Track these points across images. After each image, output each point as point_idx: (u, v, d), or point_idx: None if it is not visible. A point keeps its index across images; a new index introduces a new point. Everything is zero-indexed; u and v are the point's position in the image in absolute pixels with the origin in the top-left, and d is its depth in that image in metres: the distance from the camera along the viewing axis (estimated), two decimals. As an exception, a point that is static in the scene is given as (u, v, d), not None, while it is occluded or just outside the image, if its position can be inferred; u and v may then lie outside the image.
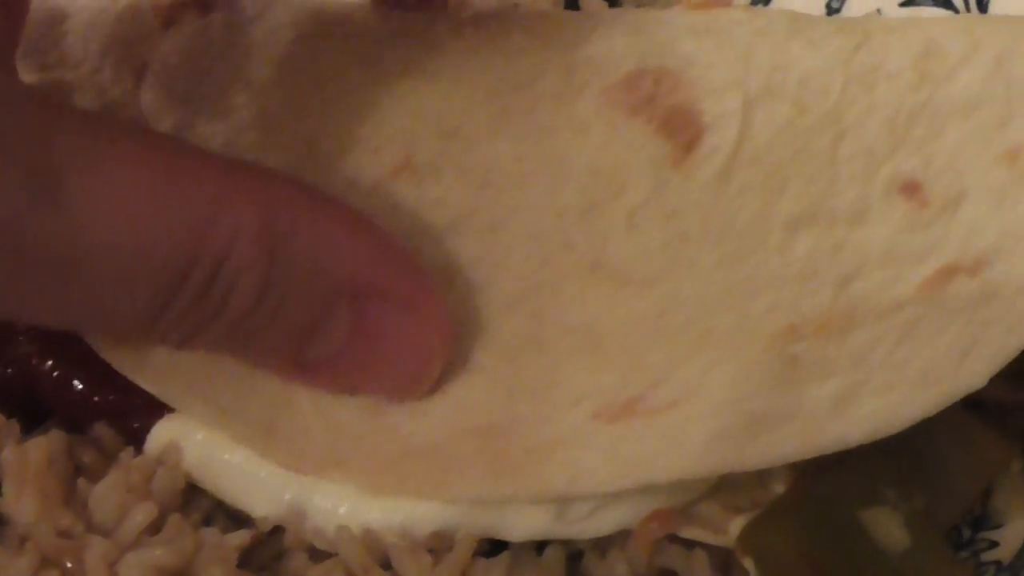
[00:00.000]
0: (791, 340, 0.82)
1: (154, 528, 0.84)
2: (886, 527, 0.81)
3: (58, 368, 0.90)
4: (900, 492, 0.82)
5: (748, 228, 0.87)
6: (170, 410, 0.88)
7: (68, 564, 0.81)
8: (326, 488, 0.84)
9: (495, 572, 0.83)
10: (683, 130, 0.90)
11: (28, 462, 0.85)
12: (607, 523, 0.84)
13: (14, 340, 0.90)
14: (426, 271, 0.84)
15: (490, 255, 0.88)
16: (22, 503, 0.83)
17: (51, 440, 0.86)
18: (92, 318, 0.78)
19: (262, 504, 0.85)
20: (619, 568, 0.84)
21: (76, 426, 0.89)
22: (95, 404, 0.90)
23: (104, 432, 0.89)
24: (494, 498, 0.82)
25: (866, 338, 0.81)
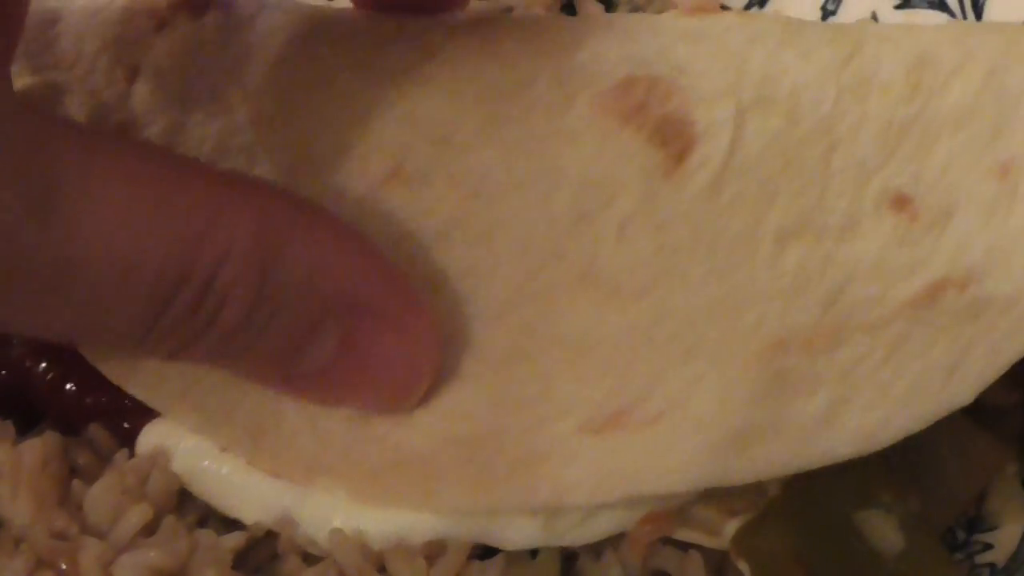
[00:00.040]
0: (779, 354, 0.82)
1: (149, 530, 0.84)
2: (881, 529, 0.81)
3: (51, 370, 0.90)
4: (895, 494, 0.82)
5: (738, 240, 0.86)
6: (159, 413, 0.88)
7: (63, 566, 0.81)
8: (317, 498, 0.84)
9: (489, 575, 0.83)
10: (675, 139, 0.89)
11: (23, 464, 0.85)
12: (599, 530, 0.84)
13: (7, 343, 0.90)
14: (416, 288, 0.84)
15: (480, 264, 0.88)
16: (17, 505, 0.83)
17: (46, 441, 0.86)
18: (83, 330, 0.78)
19: (252, 513, 0.85)
20: (613, 570, 0.85)
21: (71, 428, 0.89)
22: (87, 406, 0.90)
23: (99, 434, 0.89)
24: (480, 509, 0.82)
25: (853, 353, 0.81)
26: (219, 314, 0.76)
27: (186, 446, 0.86)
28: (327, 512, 0.84)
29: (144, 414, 0.88)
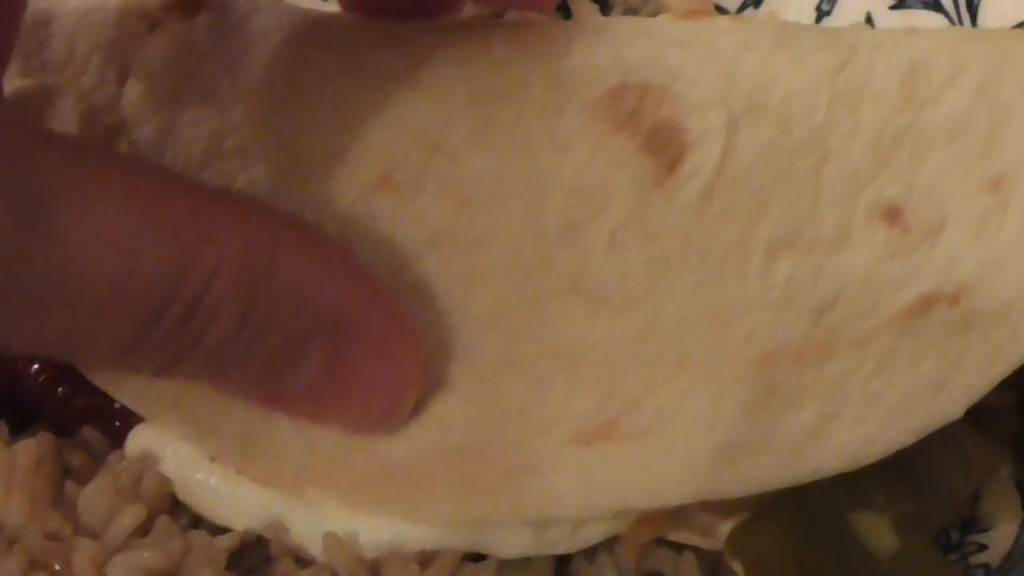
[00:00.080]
0: (768, 366, 0.82)
1: (142, 530, 0.84)
2: (875, 530, 0.81)
3: (43, 372, 0.90)
4: (889, 495, 0.83)
5: (728, 251, 0.86)
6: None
7: (56, 566, 0.81)
8: (307, 507, 0.84)
9: (483, 576, 0.83)
10: (666, 148, 0.88)
11: (16, 464, 0.84)
12: (591, 537, 0.84)
13: None
14: (403, 307, 0.84)
15: (470, 273, 0.87)
16: (10, 505, 0.83)
17: (39, 442, 0.86)
18: (70, 346, 0.78)
19: (242, 522, 0.85)
20: (607, 572, 0.85)
21: (64, 429, 0.89)
22: (79, 408, 0.90)
23: (92, 435, 0.89)
24: (468, 519, 0.82)
25: (843, 367, 0.81)
26: (207, 331, 0.76)
27: (174, 451, 0.86)
28: (318, 521, 0.84)
29: (134, 416, 0.88)
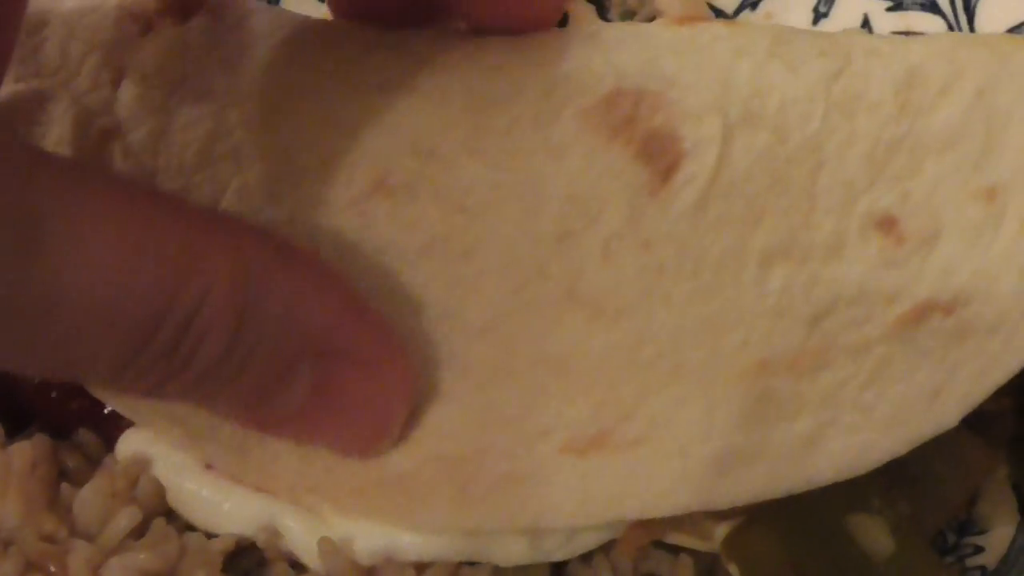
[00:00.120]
0: (763, 376, 0.81)
1: (138, 532, 0.84)
2: (871, 533, 0.81)
3: (37, 375, 0.90)
4: (885, 498, 0.83)
5: (723, 260, 0.85)
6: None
7: (52, 568, 0.81)
8: (300, 515, 0.84)
9: (479, 579, 0.83)
10: (661, 156, 0.88)
11: (12, 466, 0.84)
12: (587, 543, 0.84)
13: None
14: (393, 332, 0.84)
15: (463, 280, 0.87)
16: (6, 507, 0.83)
17: (35, 444, 0.86)
18: (59, 367, 0.77)
19: (235, 529, 0.85)
20: (604, 574, 0.84)
21: (60, 431, 0.89)
22: (73, 410, 0.89)
23: (88, 437, 0.89)
24: (462, 527, 0.82)
25: (837, 376, 0.81)
26: (196, 353, 0.76)
27: (165, 456, 0.86)
28: (312, 528, 0.84)
29: (129, 419, 0.87)
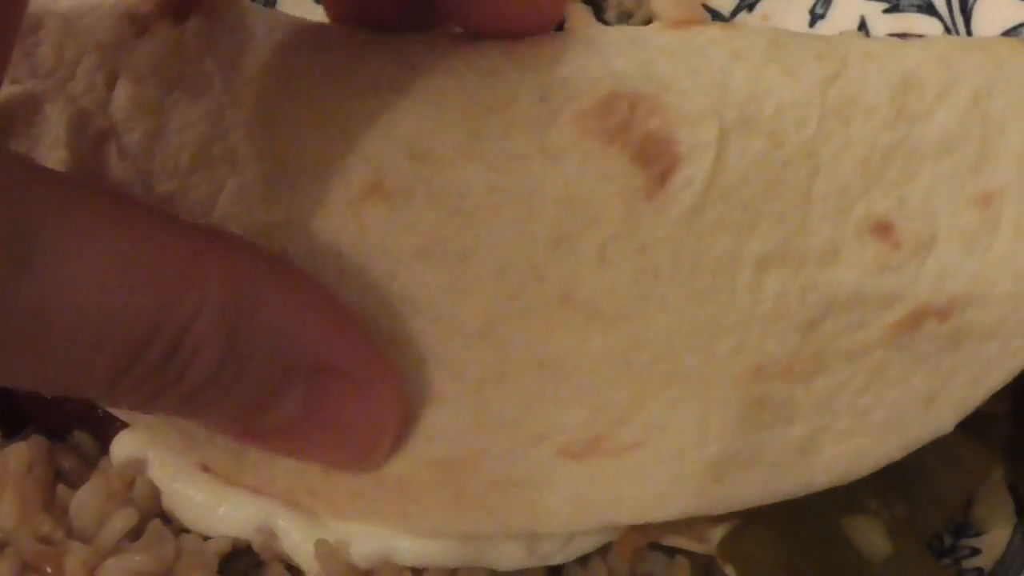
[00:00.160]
0: (758, 381, 0.81)
1: (134, 534, 0.84)
2: (868, 535, 0.81)
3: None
4: (882, 500, 0.83)
5: (718, 265, 0.85)
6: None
7: (48, 570, 0.81)
8: (296, 519, 0.84)
9: (475, 580, 0.83)
10: (657, 160, 0.87)
11: (8, 468, 0.85)
12: (584, 546, 0.84)
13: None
14: (383, 350, 0.84)
15: (459, 284, 0.86)
16: (2, 509, 0.83)
17: (31, 446, 0.86)
18: (51, 381, 0.77)
19: (230, 532, 0.85)
20: (600, 576, 0.85)
21: (56, 432, 0.89)
22: (68, 412, 0.90)
23: (84, 438, 0.89)
24: (458, 531, 0.82)
25: (833, 381, 0.81)
26: (188, 369, 0.75)
27: (159, 458, 0.86)
28: (308, 531, 0.84)
29: (120, 421, 0.88)
